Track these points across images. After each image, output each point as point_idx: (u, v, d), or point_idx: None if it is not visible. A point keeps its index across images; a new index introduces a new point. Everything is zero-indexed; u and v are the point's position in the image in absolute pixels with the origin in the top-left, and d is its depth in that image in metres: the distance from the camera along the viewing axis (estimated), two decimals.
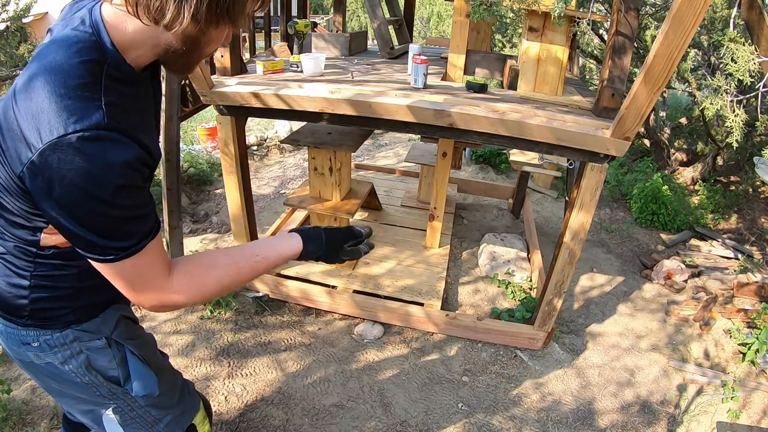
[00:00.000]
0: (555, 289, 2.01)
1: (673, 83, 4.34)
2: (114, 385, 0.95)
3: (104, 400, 0.96)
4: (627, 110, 1.46)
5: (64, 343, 0.87)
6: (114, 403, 0.97)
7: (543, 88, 1.93)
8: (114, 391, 0.96)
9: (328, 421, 1.84)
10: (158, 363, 1.04)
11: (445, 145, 2.58)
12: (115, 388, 0.95)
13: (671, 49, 1.27)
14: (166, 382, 1.04)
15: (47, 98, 0.62)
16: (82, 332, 0.89)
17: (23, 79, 0.66)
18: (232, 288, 0.89)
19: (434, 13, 12.58)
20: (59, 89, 0.63)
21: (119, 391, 0.96)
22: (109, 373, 0.94)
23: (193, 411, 1.17)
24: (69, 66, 0.64)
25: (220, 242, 2.98)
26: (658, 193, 3.63)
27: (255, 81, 1.94)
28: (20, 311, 0.84)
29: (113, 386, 0.95)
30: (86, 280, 0.85)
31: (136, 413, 1.01)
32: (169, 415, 1.07)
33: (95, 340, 0.91)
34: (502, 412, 1.95)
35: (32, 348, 0.86)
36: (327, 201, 2.46)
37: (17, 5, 3.17)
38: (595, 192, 1.73)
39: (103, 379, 0.93)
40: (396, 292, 2.43)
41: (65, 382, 0.92)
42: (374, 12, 2.64)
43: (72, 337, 0.88)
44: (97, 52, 0.67)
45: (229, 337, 2.21)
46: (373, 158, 4.92)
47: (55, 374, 0.91)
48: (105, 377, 0.93)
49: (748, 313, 2.51)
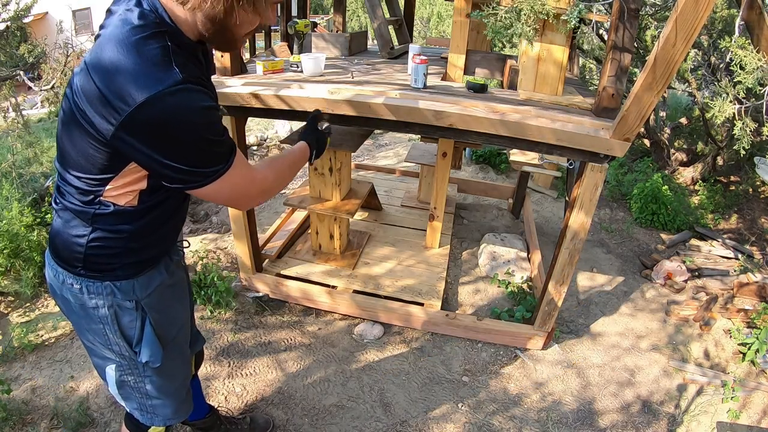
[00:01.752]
0: (555, 289, 2.01)
1: (673, 83, 4.34)
2: (126, 345, 1.04)
3: (112, 355, 1.06)
4: (628, 111, 1.46)
5: (100, 293, 0.98)
6: (119, 360, 1.07)
7: (543, 89, 1.93)
8: (123, 352, 1.05)
9: (328, 421, 1.84)
10: (168, 341, 1.10)
11: (445, 145, 2.58)
12: (126, 348, 1.04)
13: (673, 51, 1.27)
14: (170, 362, 1.12)
15: (131, 67, 0.74)
16: (117, 290, 0.99)
17: (96, 55, 0.77)
18: (291, 174, 1.12)
19: (434, 13, 12.58)
20: (139, 59, 0.75)
21: (128, 352, 1.05)
22: (127, 332, 1.03)
23: (178, 416, 1.22)
24: (141, 39, 0.76)
25: (220, 242, 2.98)
26: (658, 193, 3.63)
27: (255, 81, 1.93)
28: (74, 262, 0.96)
29: (125, 345, 1.04)
30: (137, 240, 0.98)
31: (134, 378, 1.10)
32: (160, 400, 1.15)
33: (126, 300, 1.01)
34: (502, 412, 1.95)
35: (74, 289, 0.98)
36: (327, 201, 2.46)
37: (17, 5, 3.17)
38: (595, 192, 1.73)
39: (120, 334, 1.02)
40: (396, 292, 2.43)
41: (89, 324, 1.03)
42: (374, 12, 2.63)
43: (109, 290, 0.99)
44: (161, 26, 0.80)
45: (229, 337, 2.21)
46: (373, 158, 4.91)
47: (84, 315, 1.02)
48: (123, 333, 1.03)
49: (748, 313, 2.51)
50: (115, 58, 0.75)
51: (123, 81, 0.74)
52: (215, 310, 2.34)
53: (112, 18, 0.82)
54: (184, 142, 0.80)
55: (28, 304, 2.37)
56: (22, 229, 2.41)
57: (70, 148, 0.86)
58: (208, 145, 0.83)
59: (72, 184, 0.90)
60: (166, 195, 0.96)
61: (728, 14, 3.51)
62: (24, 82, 7.86)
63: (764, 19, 2.03)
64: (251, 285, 2.49)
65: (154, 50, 0.76)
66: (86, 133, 0.81)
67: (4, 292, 2.39)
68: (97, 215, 0.91)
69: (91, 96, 0.77)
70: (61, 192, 0.94)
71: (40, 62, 7.53)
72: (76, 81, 0.80)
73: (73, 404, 1.81)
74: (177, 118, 0.77)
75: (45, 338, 2.13)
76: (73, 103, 0.81)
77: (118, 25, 0.78)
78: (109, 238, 0.94)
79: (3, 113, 3.56)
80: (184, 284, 1.23)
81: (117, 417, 1.78)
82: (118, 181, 0.88)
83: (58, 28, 8.30)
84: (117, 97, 0.74)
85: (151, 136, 0.78)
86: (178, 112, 0.76)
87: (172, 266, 1.13)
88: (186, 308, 1.22)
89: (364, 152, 5.08)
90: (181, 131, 0.78)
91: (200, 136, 0.80)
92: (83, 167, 0.86)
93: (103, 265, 0.97)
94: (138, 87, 0.74)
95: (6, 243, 2.33)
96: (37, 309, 2.34)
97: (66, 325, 2.21)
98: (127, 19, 0.78)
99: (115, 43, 0.76)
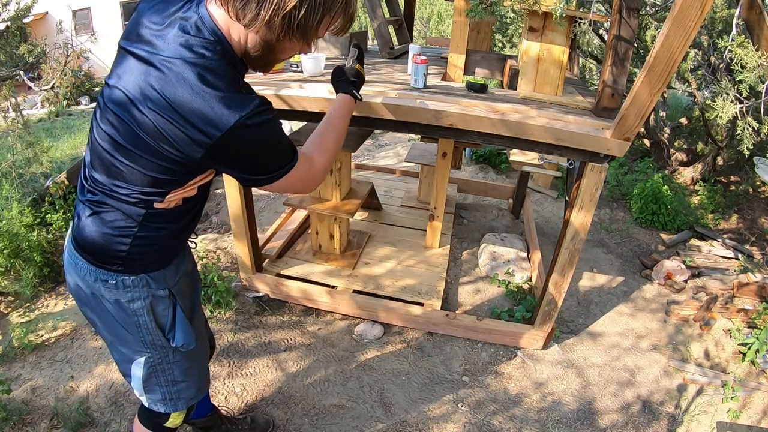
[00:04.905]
0: (555, 289, 2.01)
1: (673, 83, 4.34)
2: (159, 333, 1.08)
3: (143, 347, 1.09)
4: (628, 110, 1.46)
5: (136, 286, 1.02)
6: (149, 352, 1.10)
7: (543, 88, 1.93)
8: (155, 341, 1.09)
9: (328, 421, 1.84)
10: (193, 323, 1.16)
11: (445, 145, 2.58)
12: (159, 336, 1.08)
13: (672, 49, 1.27)
14: (198, 344, 1.18)
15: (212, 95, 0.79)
16: (152, 280, 1.04)
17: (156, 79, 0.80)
18: (339, 145, 1.16)
19: (434, 13, 12.57)
20: (218, 86, 0.80)
21: (161, 341, 1.09)
22: (161, 320, 1.08)
23: (199, 394, 1.28)
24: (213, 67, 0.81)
25: (220, 242, 2.98)
26: (658, 193, 3.63)
27: (255, 81, 1.93)
28: (114, 260, 0.99)
29: (158, 334, 1.08)
30: (175, 238, 1.05)
31: (163, 368, 1.14)
32: (185, 383, 1.20)
33: (160, 289, 1.06)
34: (502, 412, 1.95)
35: (108, 285, 1.01)
36: (327, 201, 2.46)
37: (18, 5, 3.17)
38: (595, 192, 1.73)
39: (155, 324, 1.07)
40: (396, 292, 2.43)
41: (121, 319, 1.05)
42: (374, 12, 2.64)
43: (144, 282, 1.03)
44: (225, 53, 0.84)
45: (229, 337, 2.21)
46: (373, 158, 4.91)
47: (117, 310, 1.04)
48: (157, 322, 1.07)
49: (749, 313, 2.51)
50: (198, 86, 0.79)
51: (209, 108, 0.79)
52: (215, 310, 2.34)
53: (166, 41, 0.82)
54: (264, 156, 0.91)
55: (28, 304, 2.37)
56: (22, 229, 2.41)
57: (127, 167, 0.89)
58: (279, 152, 0.93)
59: (123, 193, 0.93)
60: (203, 196, 1.05)
61: (728, 14, 3.51)
62: (24, 82, 7.88)
63: (764, 19, 2.03)
64: (251, 285, 2.49)
65: (225, 76, 0.81)
66: (161, 156, 0.85)
67: (4, 292, 2.39)
68: (146, 216, 0.96)
69: (173, 122, 0.80)
70: (104, 195, 0.95)
71: (40, 62, 7.55)
72: (145, 103, 0.81)
73: (73, 404, 1.81)
74: (260, 139, 0.86)
75: (45, 338, 2.13)
76: (137, 126, 0.83)
77: (185, 55, 0.80)
78: (153, 236, 1.00)
79: (3, 113, 3.56)
80: (196, 272, 1.33)
81: (117, 417, 1.78)
82: (177, 191, 0.95)
83: (58, 28, 8.32)
84: (204, 122, 0.80)
85: (237, 156, 0.86)
86: (260, 134, 0.85)
87: (188, 255, 1.23)
88: (198, 293, 1.30)
89: (364, 152, 5.08)
90: (263, 149, 0.89)
91: (275, 147, 0.91)
92: (142, 182, 0.90)
93: (142, 261, 1.01)
94: (222, 116, 0.79)
95: (6, 243, 2.33)
96: (37, 309, 2.34)
97: (66, 325, 2.21)
98: (193, 48, 0.81)
99: (191, 71, 0.79)
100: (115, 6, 11.24)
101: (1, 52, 3.12)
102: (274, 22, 0.80)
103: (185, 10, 0.85)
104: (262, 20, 0.79)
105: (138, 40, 0.84)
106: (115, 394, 1.87)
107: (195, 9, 0.85)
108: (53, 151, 3.73)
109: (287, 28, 0.81)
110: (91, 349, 2.08)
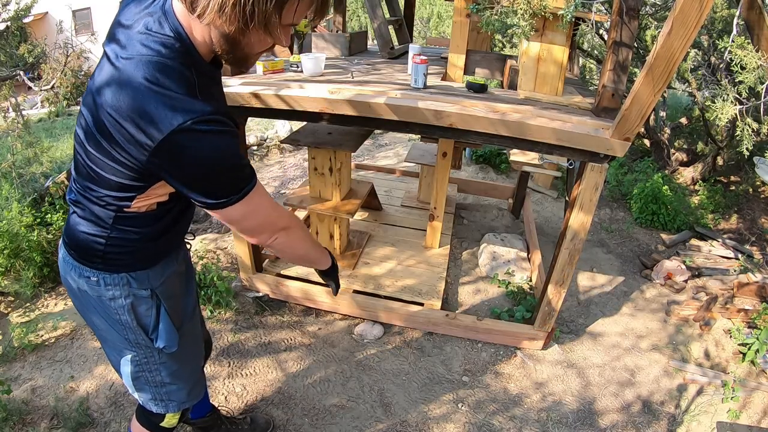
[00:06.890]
0: (555, 289, 2.01)
1: (673, 83, 4.34)
2: (142, 333, 1.07)
3: (128, 346, 1.08)
4: (628, 110, 1.46)
5: (117, 284, 1.02)
6: (134, 351, 1.09)
7: (543, 88, 1.93)
8: (139, 341, 1.08)
9: (328, 421, 1.84)
10: (180, 326, 1.14)
11: (445, 145, 2.58)
12: (142, 336, 1.07)
13: (673, 49, 1.27)
14: (185, 348, 1.16)
15: (162, 95, 0.75)
16: (133, 279, 1.03)
17: (111, 78, 0.77)
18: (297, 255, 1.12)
19: (434, 13, 12.57)
20: (169, 86, 0.76)
21: (144, 341, 1.08)
22: (143, 320, 1.06)
23: (192, 398, 1.26)
24: (168, 68, 0.77)
25: (220, 242, 2.98)
26: (658, 193, 3.63)
27: (255, 81, 1.93)
28: (93, 258, 1.00)
29: (141, 334, 1.07)
30: (153, 239, 1.02)
31: (149, 368, 1.12)
32: (175, 385, 1.18)
33: (142, 289, 1.04)
34: (502, 412, 1.95)
35: (90, 282, 1.01)
36: (327, 201, 2.45)
37: (18, 5, 3.17)
38: (595, 192, 1.73)
39: (136, 323, 1.05)
40: (396, 292, 2.43)
41: (106, 316, 1.05)
42: (374, 12, 2.63)
43: (125, 281, 1.02)
44: (185, 55, 0.80)
45: (229, 337, 2.21)
46: (373, 158, 4.91)
47: (100, 307, 1.04)
48: (139, 323, 1.06)
49: (749, 313, 2.51)
50: (144, 86, 0.75)
51: (154, 109, 0.74)
52: (215, 310, 2.34)
53: (130, 38, 0.80)
54: (213, 174, 0.82)
55: (28, 304, 2.37)
56: (22, 229, 2.41)
57: (94, 170, 0.88)
58: (231, 171, 0.85)
59: (94, 195, 0.92)
60: (181, 201, 1.02)
61: (728, 14, 3.51)
62: (24, 82, 7.87)
63: (764, 19, 2.03)
64: (251, 285, 2.49)
65: (178, 77, 0.77)
66: (116, 160, 0.82)
67: (4, 292, 2.39)
68: (117, 218, 0.95)
69: (121, 123, 0.77)
70: (79, 194, 0.96)
71: (40, 62, 7.54)
72: (102, 103, 0.79)
73: (73, 404, 1.81)
74: (206, 151, 0.79)
75: (45, 338, 2.13)
76: (96, 128, 0.81)
77: (141, 51, 0.77)
78: (127, 238, 0.98)
79: (3, 113, 3.56)
80: (191, 272, 1.30)
81: (117, 417, 1.78)
82: (142, 197, 0.92)
83: (58, 28, 8.32)
84: (148, 123, 0.75)
85: (181, 167, 0.80)
86: (207, 145, 0.79)
87: (181, 256, 1.19)
88: (193, 293, 1.28)
89: (364, 152, 5.08)
90: (211, 164, 0.81)
91: (226, 165, 0.82)
92: (109, 186, 0.89)
93: (120, 260, 1.01)
94: (166, 118, 0.75)
95: (6, 243, 2.33)
96: (37, 309, 2.34)
97: (66, 325, 2.21)
98: (150, 45, 0.77)
99: (143, 70, 0.75)
100: (115, 6, 11.23)
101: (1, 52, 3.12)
102: (226, 11, 0.73)
103: (155, 5, 0.82)
104: (212, 10, 0.73)
105: (111, 40, 0.83)
106: (115, 394, 1.87)
107: (161, 4, 0.81)
108: (53, 151, 3.73)
109: (242, 17, 0.74)
110: (91, 349, 2.08)
